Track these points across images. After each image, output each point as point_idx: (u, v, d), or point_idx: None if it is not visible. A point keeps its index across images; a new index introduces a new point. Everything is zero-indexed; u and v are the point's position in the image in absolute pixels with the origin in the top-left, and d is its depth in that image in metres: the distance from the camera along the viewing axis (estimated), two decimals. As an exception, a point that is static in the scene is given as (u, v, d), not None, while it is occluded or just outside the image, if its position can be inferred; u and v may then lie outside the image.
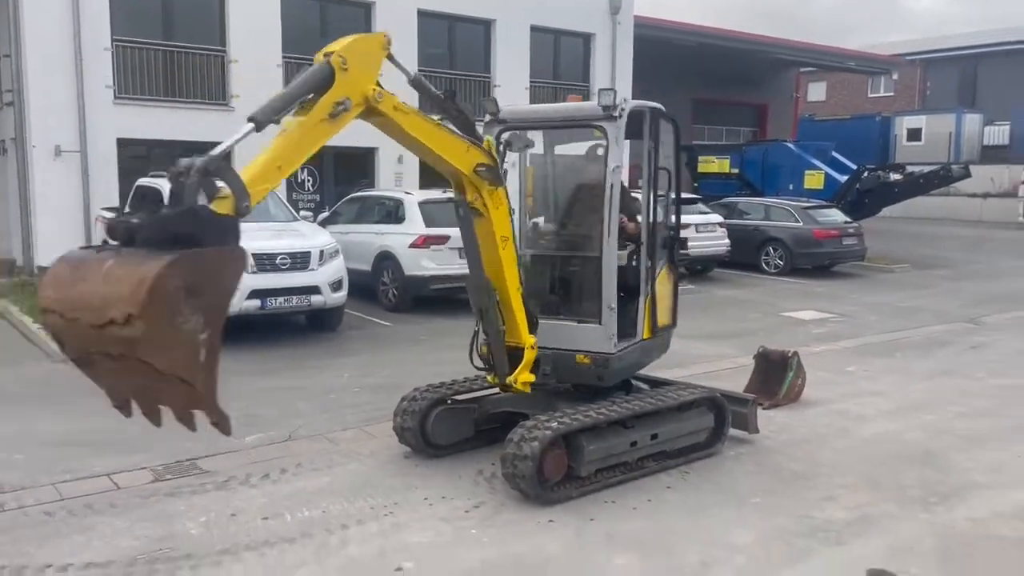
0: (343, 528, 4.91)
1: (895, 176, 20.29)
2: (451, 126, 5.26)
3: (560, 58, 21.76)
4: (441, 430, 6.09)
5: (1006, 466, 5.96)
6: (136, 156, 15.79)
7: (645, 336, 6.10)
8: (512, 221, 5.62)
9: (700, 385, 6.45)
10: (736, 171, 23.28)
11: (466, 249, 5.65)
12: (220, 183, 3.70)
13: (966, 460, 6.08)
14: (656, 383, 6.48)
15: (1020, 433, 6.73)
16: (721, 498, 5.37)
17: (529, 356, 5.72)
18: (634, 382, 6.41)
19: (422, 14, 18.73)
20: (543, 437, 5.18)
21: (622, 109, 5.64)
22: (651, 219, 6.04)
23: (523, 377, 5.77)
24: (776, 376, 7.60)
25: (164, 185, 11.00)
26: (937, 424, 6.96)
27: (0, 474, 5.73)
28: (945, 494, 5.42)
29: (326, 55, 4.43)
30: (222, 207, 3.66)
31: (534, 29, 20.57)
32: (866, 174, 20.07)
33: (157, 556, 4.54)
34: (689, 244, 15.36)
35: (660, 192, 6.08)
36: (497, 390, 6.48)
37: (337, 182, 18.06)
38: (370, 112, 4.67)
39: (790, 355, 7.63)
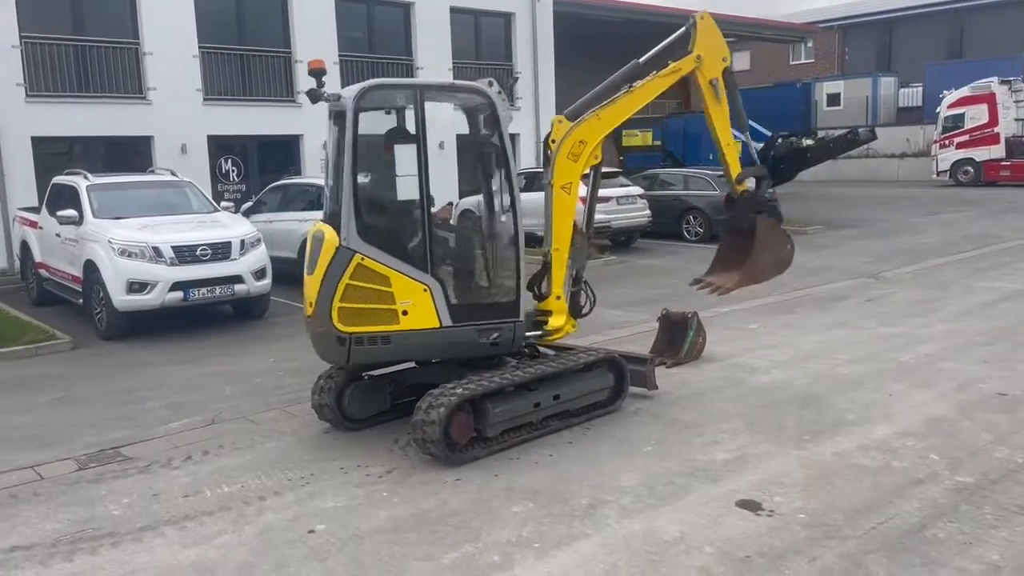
0: (260, 500, 5.21)
1: (807, 142, 21.04)
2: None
3: (481, 39, 21.95)
4: (357, 405, 6.42)
5: (876, 405, 6.53)
6: (54, 153, 15.56)
7: None
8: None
9: (600, 348, 6.88)
10: (659, 143, 23.88)
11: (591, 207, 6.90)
12: None
13: (843, 401, 6.64)
14: (560, 348, 6.88)
15: (894, 375, 7.33)
16: (616, 448, 5.81)
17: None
18: (540, 348, 6.80)
19: (340, -1, 18.77)
20: (448, 403, 5.54)
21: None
22: None
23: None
24: (678, 336, 8.09)
25: (80, 183, 11.00)
26: (823, 371, 7.53)
27: (-77, 473, 5.86)
28: (817, 432, 5.96)
29: None
30: None
31: (454, 10, 20.72)
32: (780, 141, 20.76)
33: (79, 536, 4.78)
34: (609, 217, 15.95)
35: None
36: (412, 364, 6.84)
37: (263, 171, 18.04)
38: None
39: (690, 316, 8.12)
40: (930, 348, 8.16)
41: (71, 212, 10.53)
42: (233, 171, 17.74)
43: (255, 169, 18.15)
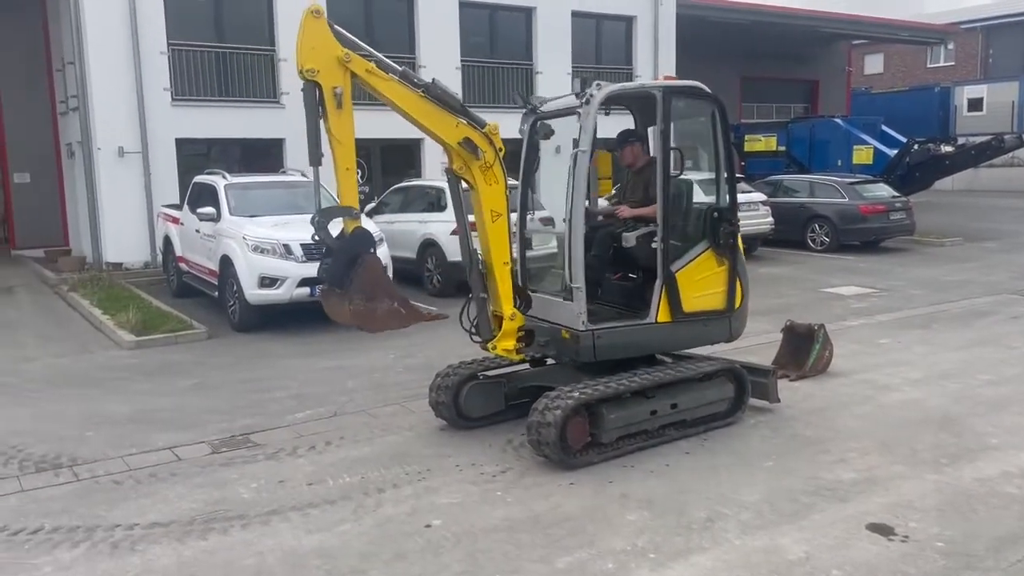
0: (379, 491, 5.34)
1: (946, 148, 19.92)
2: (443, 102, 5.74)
3: (602, 42, 21.84)
4: (473, 404, 6.50)
5: (1022, 430, 6.06)
6: (195, 154, 16.52)
7: (661, 319, 6.09)
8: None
9: (721, 357, 6.68)
10: (783, 148, 23.10)
11: (455, 214, 6.30)
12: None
13: (984, 424, 6.21)
14: (679, 356, 6.73)
15: (1045, 399, 6.80)
16: (735, 461, 5.64)
17: (508, 326, 6.02)
18: (657, 355, 6.66)
19: (463, 5, 19.06)
20: (565, 406, 5.52)
21: (591, 95, 5.86)
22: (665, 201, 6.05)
23: (502, 344, 6.07)
24: (803, 349, 7.78)
25: (218, 182, 11.63)
26: (962, 391, 7.07)
27: (74, 449, 6.33)
28: (956, 456, 5.59)
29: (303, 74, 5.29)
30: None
31: (575, 15, 20.70)
32: (916, 147, 19.75)
33: (212, 516, 5.03)
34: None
35: (673, 173, 6.20)
36: (527, 365, 6.86)
37: (385, 173, 18.55)
38: (353, 76, 5.44)
39: (817, 328, 7.79)
40: (1084, 372, 7.54)
41: (210, 209, 11.14)
42: (358, 173, 18.28)
43: (378, 171, 18.69)
